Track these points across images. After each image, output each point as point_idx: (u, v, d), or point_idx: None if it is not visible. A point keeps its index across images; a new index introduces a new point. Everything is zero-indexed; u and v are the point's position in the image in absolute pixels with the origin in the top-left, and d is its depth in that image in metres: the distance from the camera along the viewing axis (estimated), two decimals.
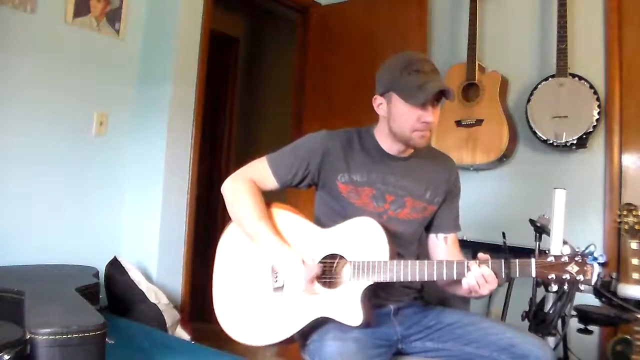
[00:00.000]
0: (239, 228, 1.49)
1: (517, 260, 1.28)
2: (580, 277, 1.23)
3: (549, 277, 1.25)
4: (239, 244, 1.50)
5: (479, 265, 1.28)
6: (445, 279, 1.31)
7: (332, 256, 1.40)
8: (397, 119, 1.43)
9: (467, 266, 1.29)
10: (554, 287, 1.73)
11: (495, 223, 2.37)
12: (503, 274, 1.27)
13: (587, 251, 1.24)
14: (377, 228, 1.36)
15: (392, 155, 1.51)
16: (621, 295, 1.78)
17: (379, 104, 1.49)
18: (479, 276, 1.27)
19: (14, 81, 2.24)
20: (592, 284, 1.23)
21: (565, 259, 1.24)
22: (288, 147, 1.54)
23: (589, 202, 2.49)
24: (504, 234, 2.10)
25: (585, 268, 1.23)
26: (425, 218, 1.55)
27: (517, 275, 1.28)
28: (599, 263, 1.22)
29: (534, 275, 1.26)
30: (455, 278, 1.30)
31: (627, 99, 2.43)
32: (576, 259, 1.24)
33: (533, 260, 1.26)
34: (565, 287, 1.63)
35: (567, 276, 1.23)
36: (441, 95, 1.41)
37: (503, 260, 1.28)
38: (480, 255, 1.31)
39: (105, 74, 2.54)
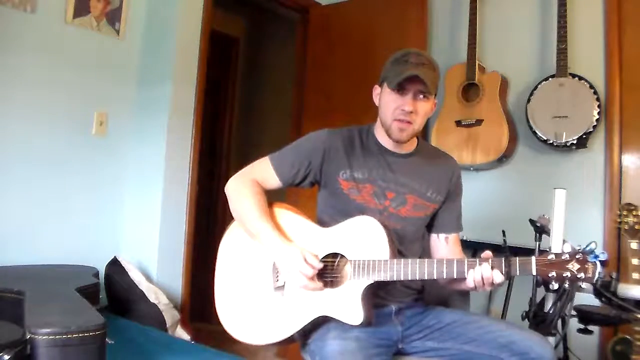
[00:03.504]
0: (241, 226, 1.49)
1: (517, 258, 1.26)
2: (582, 275, 1.21)
3: (550, 275, 1.23)
4: (241, 243, 1.50)
5: (480, 264, 1.27)
6: (445, 277, 1.31)
7: (334, 255, 1.40)
8: (382, 106, 1.48)
9: (470, 264, 1.29)
10: (555, 286, 1.69)
11: (496, 223, 2.36)
12: (503, 271, 1.26)
13: (588, 249, 1.22)
14: (378, 227, 1.36)
15: (391, 151, 1.52)
16: (621, 295, 1.77)
17: (377, 93, 1.53)
18: (480, 277, 1.27)
19: (14, 81, 2.24)
20: (594, 282, 1.21)
21: (566, 256, 1.22)
22: (290, 146, 1.55)
23: (589, 202, 2.49)
24: (504, 232, 2.09)
25: (586, 266, 1.21)
26: (427, 216, 1.55)
27: (518, 273, 1.27)
28: (600, 261, 1.20)
29: (534, 273, 1.24)
30: (455, 277, 1.30)
31: (627, 99, 2.43)
32: (577, 256, 1.22)
33: (533, 258, 1.25)
34: (566, 285, 1.62)
35: (568, 274, 1.21)
36: (421, 84, 1.39)
37: (503, 259, 1.27)
38: (485, 253, 1.31)
39: (105, 74, 2.54)
